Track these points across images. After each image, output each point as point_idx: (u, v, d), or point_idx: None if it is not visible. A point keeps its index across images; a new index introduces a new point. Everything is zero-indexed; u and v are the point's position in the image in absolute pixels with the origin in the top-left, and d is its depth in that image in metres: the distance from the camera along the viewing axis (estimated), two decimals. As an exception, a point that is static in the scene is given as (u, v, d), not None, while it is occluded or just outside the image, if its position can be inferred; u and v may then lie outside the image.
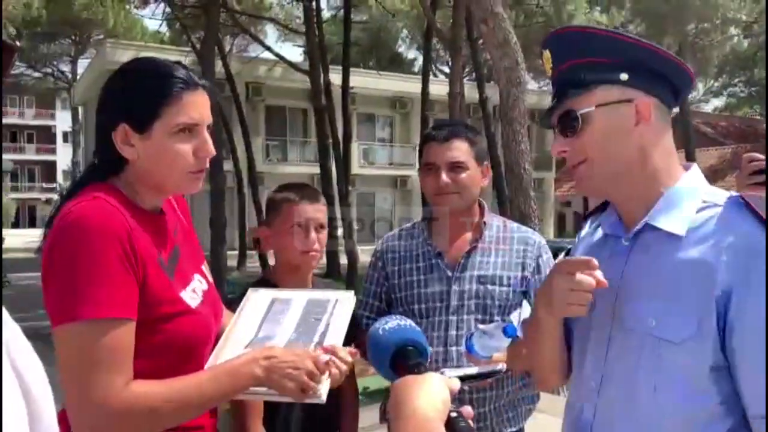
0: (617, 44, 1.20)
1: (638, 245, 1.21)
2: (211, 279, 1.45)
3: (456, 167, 1.93)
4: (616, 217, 1.29)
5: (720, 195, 1.19)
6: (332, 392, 1.86)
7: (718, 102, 35.82)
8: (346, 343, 1.44)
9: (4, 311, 0.70)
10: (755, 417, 1.07)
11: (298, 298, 1.52)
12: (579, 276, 1.16)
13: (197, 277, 1.39)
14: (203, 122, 1.29)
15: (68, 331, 1.11)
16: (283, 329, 1.40)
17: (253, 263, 17.95)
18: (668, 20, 20.69)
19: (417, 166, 2.08)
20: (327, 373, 1.30)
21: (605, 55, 1.19)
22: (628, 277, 1.20)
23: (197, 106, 1.28)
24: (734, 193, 1.19)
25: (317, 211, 1.86)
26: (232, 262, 15.53)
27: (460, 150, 1.95)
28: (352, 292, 1.59)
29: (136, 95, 1.25)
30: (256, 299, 1.52)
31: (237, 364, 1.24)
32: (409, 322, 1.07)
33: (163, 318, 1.22)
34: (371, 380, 4.22)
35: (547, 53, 1.27)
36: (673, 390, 1.11)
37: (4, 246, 12.62)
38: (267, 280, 1.93)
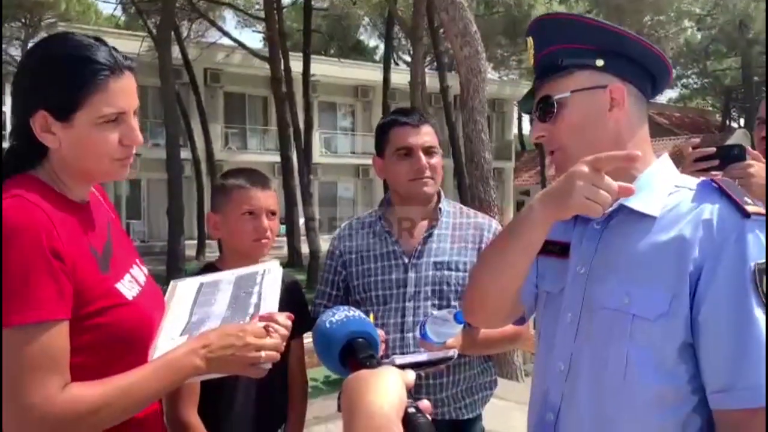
0: (592, 30, 1.23)
1: (611, 227, 1.23)
2: (146, 271, 1.40)
3: (430, 151, 1.97)
4: None
5: (690, 180, 1.23)
6: (281, 381, 1.86)
7: (672, 93, 36.78)
8: (300, 328, 1.41)
9: None
10: (714, 392, 1.10)
11: (226, 278, 1.49)
12: (607, 177, 1.09)
13: (135, 268, 1.34)
14: (130, 109, 1.21)
15: (4, 336, 1.07)
16: (215, 310, 1.36)
17: (212, 252, 17.74)
18: (625, 12, 21.09)
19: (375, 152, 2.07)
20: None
21: (582, 41, 1.22)
22: (600, 257, 1.22)
23: (124, 94, 1.19)
24: (704, 178, 1.22)
25: (268, 197, 1.84)
26: (190, 252, 15.33)
27: (431, 135, 1.98)
28: (277, 261, 1.55)
29: (57, 81, 1.16)
30: (182, 288, 1.47)
31: (175, 358, 1.19)
32: (357, 312, 1.03)
33: (98, 312, 1.17)
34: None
35: (530, 40, 1.30)
36: (644, 368, 1.13)
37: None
38: (216, 267, 1.91)
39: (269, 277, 1.45)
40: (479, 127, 5.65)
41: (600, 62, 1.21)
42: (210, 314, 1.35)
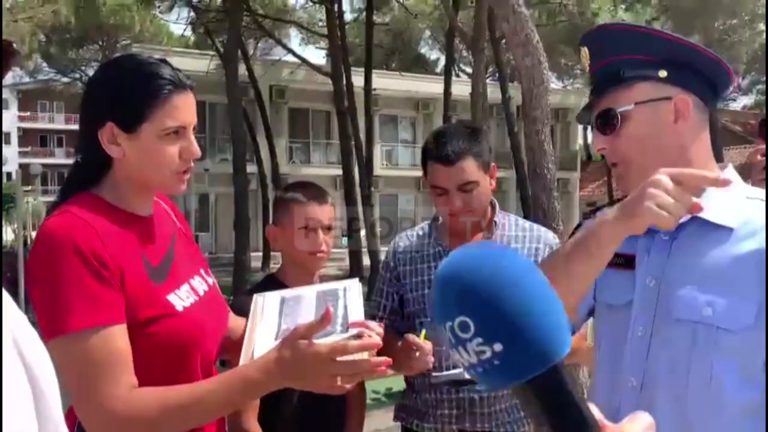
0: (656, 41, 1.20)
1: (681, 238, 1.19)
2: (212, 281, 1.43)
3: (466, 188, 1.88)
4: None
5: (760, 191, 1.20)
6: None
7: (747, 100, 35.15)
8: None
9: (12, 301, 0.71)
10: None
11: (307, 293, 1.52)
12: (683, 190, 1.03)
13: (197, 278, 1.37)
14: (190, 124, 1.28)
15: (61, 343, 1.11)
16: (303, 318, 1.37)
17: (277, 263, 18.02)
18: (695, 17, 20.38)
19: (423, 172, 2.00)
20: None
21: (644, 52, 1.20)
22: (672, 269, 1.19)
23: (186, 109, 1.27)
24: None
25: (325, 212, 1.87)
26: (256, 263, 15.64)
27: (468, 170, 1.86)
28: (357, 279, 1.57)
29: (125, 94, 1.23)
30: (265, 301, 1.50)
31: (249, 374, 1.17)
32: None
33: (147, 322, 1.20)
34: (393, 381, 4.22)
35: (585, 50, 1.28)
36: (730, 380, 1.10)
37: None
38: (275, 278, 1.95)
39: (350, 293, 1.47)
40: (542, 137, 5.55)
41: (663, 73, 1.19)
42: (297, 322, 1.35)
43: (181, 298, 1.28)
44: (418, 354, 1.73)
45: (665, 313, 1.18)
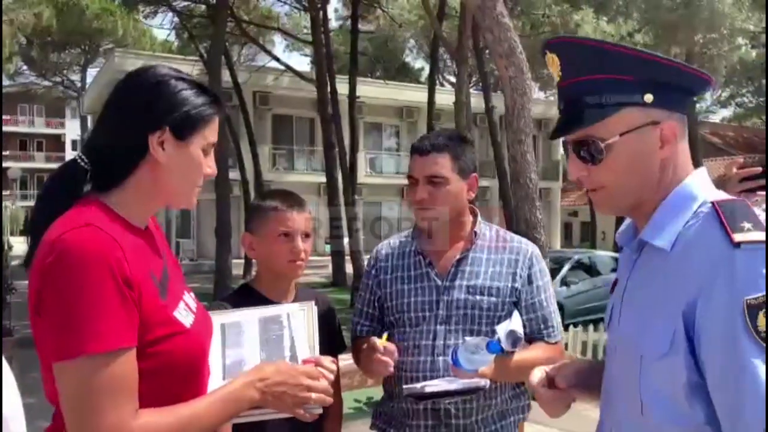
0: (643, 63, 1.11)
1: (641, 259, 1.18)
2: (194, 297, 1.43)
3: (434, 181, 1.91)
4: (632, 229, 1.24)
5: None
6: None
7: (726, 112, 35.75)
8: (332, 351, 1.44)
9: None
10: None
11: (248, 319, 1.49)
12: (544, 389, 1.34)
13: (187, 294, 1.36)
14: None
15: (72, 366, 1.09)
16: (248, 351, 1.39)
17: (259, 272, 17.89)
18: (676, 30, 20.67)
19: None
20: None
21: (630, 73, 1.11)
22: (627, 291, 1.18)
23: (218, 127, 1.34)
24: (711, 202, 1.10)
25: (304, 219, 1.87)
26: (237, 271, 15.53)
27: (440, 164, 1.91)
28: (312, 302, 1.57)
29: (186, 104, 1.25)
30: None
31: (234, 389, 1.26)
32: None
33: (157, 340, 1.19)
34: (374, 391, 4.21)
35: (554, 58, 1.18)
36: (657, 407, 1.07)
37: (12, 253, 12.66)
38: (251, 287, 1.94)
39: (294, 320, 1.48)
40: (524, 147, 5.59)
41: (649, 98, 1.10)
42: (243, 356, 1.39)
43: (183, 315, 1.27)
44: (379, 356, 1.74)
45: (617, 336, 1.20)
